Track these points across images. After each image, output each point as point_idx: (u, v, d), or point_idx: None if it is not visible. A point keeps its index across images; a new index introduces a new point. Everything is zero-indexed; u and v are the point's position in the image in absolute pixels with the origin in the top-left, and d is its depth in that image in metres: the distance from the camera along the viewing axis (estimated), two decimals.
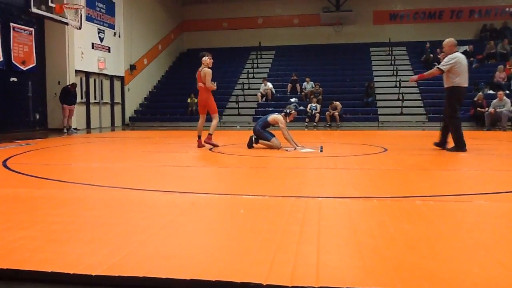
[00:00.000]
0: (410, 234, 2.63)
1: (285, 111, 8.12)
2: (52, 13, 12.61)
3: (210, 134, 8.29)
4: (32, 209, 3.32)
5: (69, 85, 14.00)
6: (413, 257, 2.23)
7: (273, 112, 8.99)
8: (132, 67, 19.10)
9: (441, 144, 7.60)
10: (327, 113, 16.70)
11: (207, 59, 8.26)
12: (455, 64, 7.15)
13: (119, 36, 18.05)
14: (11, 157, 6.80)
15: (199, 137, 8.30)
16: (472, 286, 1.87)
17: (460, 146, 7.23)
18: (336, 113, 16.58)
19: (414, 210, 3.26)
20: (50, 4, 12.49)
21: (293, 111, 8.21)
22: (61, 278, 2.02)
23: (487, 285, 1.88)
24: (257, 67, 21.89)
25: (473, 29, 21.83)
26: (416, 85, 18.83)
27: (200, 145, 8.23)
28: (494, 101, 14.53)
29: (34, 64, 14.16)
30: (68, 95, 13.78)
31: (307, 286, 1.87)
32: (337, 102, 16.84)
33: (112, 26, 17.51)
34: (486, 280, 1.93)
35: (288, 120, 8.06)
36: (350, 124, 16.80)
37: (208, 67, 8.23)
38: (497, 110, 14.13)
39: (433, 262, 2.14)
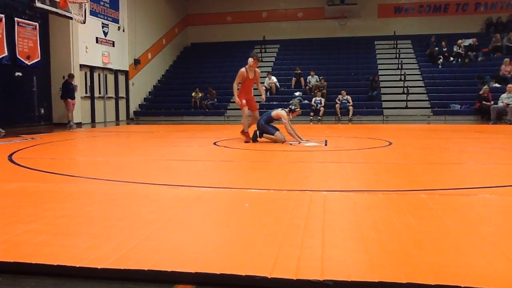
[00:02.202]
0: (415, 228, 2.63)
1: (290, 107, 8.11)
2: (56, 8, 12.61)
3: (242, 131, 8.28)
4: (38, 203, 3.34)
5: (67, 77, 13.89)
6: (418, 250, 2.23)
7: (277, 106, 8.97)
8: (137, 62, 19.10)
9: None
10: (337, 105, 16.69)
11: (250, 61, 8.25)
12: None
13: (123, 31, 18.03)
14: (16, 151, 6.83)
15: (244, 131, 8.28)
16: (477, 279, 1.86)
17: None
18: (350, 106, 16.59)
19: (419, 203, 3.26)
20: None
21: (298, 109, 8.20)
22: (67, 271, 2.03)
23: (492, 279, 1.88)
24: (261, 61, 21.67)
25: (479, 22, 21.65)
26: (421, 79, 18.75)
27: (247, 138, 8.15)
28: (503, 95, 14.36)
29: (39, 59, 14.17)
30: (69, 89, 13.72)
31: (312, 280, 1.88)
32: (348, 96, 16.88)
33: (116, 21, 17.50)
34: (491, 274, 1.93)
35: (291, 117, 8.06)
36: (354, 117, 16.75)
37: (250, 68, 8.26)
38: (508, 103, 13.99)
39: (438, 256, 2.14)
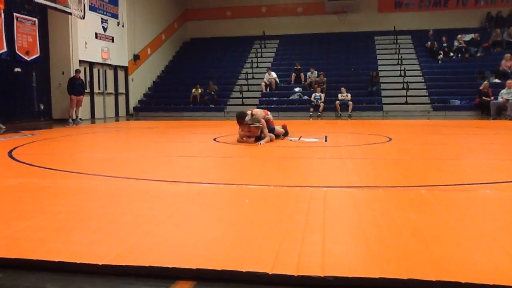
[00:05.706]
0: (416, 223, 2.63)
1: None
2: (55, 3, 12.56)
3: None
4: (38, 199, 3.33)
5: (74, 73, 13.85)
6: (418, 246, 2.23)
7: (276, 102, 8.91)
8: (136, 57, 19.05)
9: None
10: (336, 102, 16.63)
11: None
12: None
13: (123, 26, 17.97)
14: (16, 147, 6.82)
15: None
16: (477, 274, 1.86)
17: None
18: (350, 102, 16.54)
19: (419, 199, 3.26)
20: None
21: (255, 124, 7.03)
22: (68, 267, 2.03)
23: (492, 274, 1.88)
24: (261, 57, 21.77)
25: (479, 17, 21.60)
26: (421, 74, 18.72)
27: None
28: (503, 90, 14.34)
29: (38, 55, 14.14)
30: (75, 85, 13.69)
31: (313, 276, 1.88)
32: (348, 94, 16.89)
33: (115, 16, 17.44)
34: (491, 269, 1.93)
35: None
36: (354, 113, 16.73)
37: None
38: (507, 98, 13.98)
39: (438, 251, 2.14)
